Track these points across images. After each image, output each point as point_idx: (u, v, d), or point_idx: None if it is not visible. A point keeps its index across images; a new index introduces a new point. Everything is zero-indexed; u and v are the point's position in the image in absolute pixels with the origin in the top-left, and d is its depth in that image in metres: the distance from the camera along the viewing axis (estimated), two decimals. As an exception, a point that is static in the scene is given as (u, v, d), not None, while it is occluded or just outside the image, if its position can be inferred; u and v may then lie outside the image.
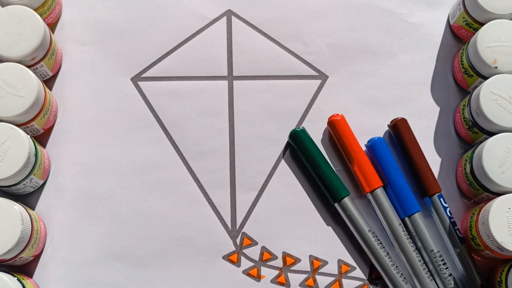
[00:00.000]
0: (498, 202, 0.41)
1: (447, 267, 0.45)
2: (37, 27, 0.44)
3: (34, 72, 0.45)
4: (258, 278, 0.46)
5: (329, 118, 0.47)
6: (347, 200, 0.45)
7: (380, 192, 0.45)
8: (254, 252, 0.46)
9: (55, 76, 0.49)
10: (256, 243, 0.47)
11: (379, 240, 0.45)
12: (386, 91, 0.49)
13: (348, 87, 0.49)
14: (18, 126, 0.44)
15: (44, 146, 0.47)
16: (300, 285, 0.46)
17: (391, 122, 0.47)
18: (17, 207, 0.42)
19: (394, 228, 0.45)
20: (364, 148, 0.47)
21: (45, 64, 0.46)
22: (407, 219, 0.45)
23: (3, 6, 0.45)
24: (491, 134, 0.44)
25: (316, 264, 0.46)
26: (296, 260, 0.46)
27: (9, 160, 0.42)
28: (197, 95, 0.49)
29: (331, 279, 0.46)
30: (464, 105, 0.47)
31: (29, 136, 0.44)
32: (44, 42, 0.45)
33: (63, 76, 0.49)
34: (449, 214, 0.45)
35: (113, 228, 0.46)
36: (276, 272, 0.46)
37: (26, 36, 0.44)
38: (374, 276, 0.46)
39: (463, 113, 0.46)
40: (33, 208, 0.46)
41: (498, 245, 0.41)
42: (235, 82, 0.49)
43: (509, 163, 0.42)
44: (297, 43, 0.50)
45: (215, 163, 0.48)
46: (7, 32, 0.44)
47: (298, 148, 0.47)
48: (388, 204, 0.45)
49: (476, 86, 0.46)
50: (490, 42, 0.44)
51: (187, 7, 0.51)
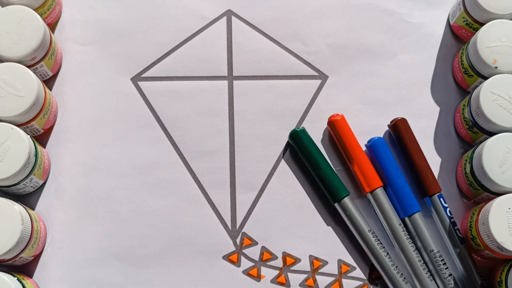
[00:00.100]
0: (498, 202, 0.41)
1: (447, 267, 0.45)
2: (37, 27, 0.44)
3: (34, 72, 0.45)
4: (258, 278, 0.46)
5: (329, 118, 0.47)
6: (347, 200, 0.45)
7: (380, 192, 0.45)
8: (254, 252, 0.46)
9: (55, 76, 0.49)
10: (256, 243, 0.47)
11: (379, 240, 0.45)
12: (386, 91, 0.49)
13: (348, 87, 0.49)
14: (18, 126, 0.44)
15: (44, 146, 0.47)
16: (300, 285, 0.46)
17: (391, 122, 0.47)
18: (17, 207, 0.41)
19: (394, 228, 0.45)
20: (364, 148, 0.47)
21: (45, 64, 0.46)
22: (407, 219, 0.45)
23: (3, 6, 0.45)
24: (491, 134, 0.44)
25: (316, 264, 0.46)
26: (296, 260, 0.46)
27: (9, 160, 0.42)
28: (197, 95, 0.49)
29: (331, 279, 0.46)
30: (464, 105, 0.47)
31: (29, 136, 0.43)
32: (44, 42, 0.45)
33: (63, 76, 0.49)
34: (449, 214, 0.45)
35: (113, 228, 0.46)
36: (276, 272, 0.46)
37: (26, 36, 0.44)
38: (374, 276, 0.46)
39: (463, 113, 0.46)
40: (33, 208, 0.46)
41: (498, 245, 0.41)
42: (235, 82, 0.49)
43: (509, 163, 0.42)
44: (297, 43, 0.50)
45: (215, 163, 0.48)
46: (7, 32, 0.44)
47: (298, 148, 0.47)
48: (388, 204, 0.45)
49: (476, 86, 0.46)
50: (490, 42, 0.44)
51: (187, 7, 0.51)
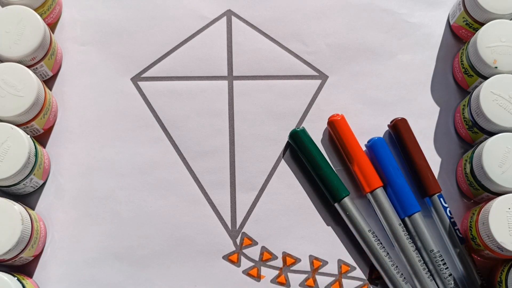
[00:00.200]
0: (498, 202, 0.41)
1: (447, 267, 0.45)
2: (37, 27, 0.44)
3: (34, 72, 0.45)
4: (258, 278, 0.46)
5: (329, 118, 0.47)
6: (347, 200, 0.45)
7: (380, 192, 0.45)
8: (254, 252, 0.46)
9: (55, 76, 0.49)
10: (256, 243, 0.47)
11: (379, 240, 0.45)
12: (386, 91, 0.49)
13: (348, 87, 0.49)
14: (18, 126, 0.44)
15: (44, 146, 0.47)
16: (300, 285, 0.46)
17: (391, 122, 0.47)
18: (17, 207, 0.41)
19: (394, 228, 0.45)
20: (364, 148, 0.47)
21: (45, 64, 0.46)
22: (407, 219, 0.45)
23: (3, 6, 0.45)
24: (491, 134, 0.44)
25: (316, 264, 0.46)
26: (296, 260, 0.46)
27: (9, 160, 0.42)
28: (197, 95, 0.49)
29: (331, 279, 0.46)
30: (464, 105, 0.47)
31: (29, 136, 0.43)
32: (44, 42, 0.45)
33: (63, 76, 0.49)
34: (449, 214, 0.45)
35: (113, 228, 0.46)
36: (276, 272, 0.46)
37: (26, 36, 0.44)
38: (374, 276, 0.46)
39: (463, 113, 0.46)
40: (33, 208, 0.46)
41: (498, 245, 0.41)
42: (235, 82, 0.49)
43: (509, 163, 0.42)
44: (297, 43, 0.50)
45: (215, 163, 0.48)
46: (7, 32, 0.44)
47: (298, 148, 0.47)
48: (388, 204, 0.45)
49: (476, 86, 0.46)
50: (490, 42, 0.44)
51: (187, 7, 0.51)
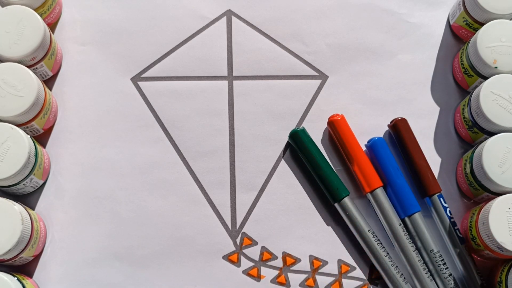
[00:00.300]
0: (498, 202, 0.41)
1: (447, 267, 0.45)
2: (37, 27, 0.44)
3: (34, 72, 0.45)
4: (258, 278, 0.46)
5: (329, 118, 0.47)
6: (347, 200, 0.45)
7: (380, 192, 0.45)
8: (254, 252, 0.46)
9: (55, 76, 0.49)
10: (256, 243, 0.47)
11: (379, 240, 0.45)
12: (386, 91, 0.49)
13: (348, 87, 0.49)
14: (18, 126, 0.44)
15: (44, 146, 0.47)
16: (300, 285, 0.46)
17: (391, 122, 0.47)
18: (17, 207, 0.41)
19: (394, 228, 0.45)
20: (364, 148, 0.47)
21: (45, 64, 0.46)
22: (407, 219, 0.45)
23: (3, 6, 0.45)
24: (491, 134, 0.44)
25: (316, 264, 0.46)
26: (296, 260, 0.46)
27: (9, 160, 0.42)
28: (197, 95, 0.49)
29: (331, 279, 0.46)
30: (464, 105, 0.47)
31: (29, 136, 0.43)
32: (44, 42, 0.45)
33: (63, 76, 0.49)
34: (449, 214, 0.45)
35: (113, 228, 0.46)
36: (276, 272, 0.46)
37: (26, 36, 0.44)
38: (374, 276, 0.46)
39: (463, 113, 0.46)
40: (33, 208, 0.46)
41: (498, 245, 0.41)
42: (235, 82, 0.49)
43: (509, 163, 0.42)
44: (297, 43, 0.50)
45: (215, 163, 0.48)
46: (7, 32, 0.44)
47: (298, 148, 0.47)
48: (388, 204, 0.45)
49: (476, 86, 0.46)
50: (490, 42, 0.44)
51: (187, 7, 0.51)
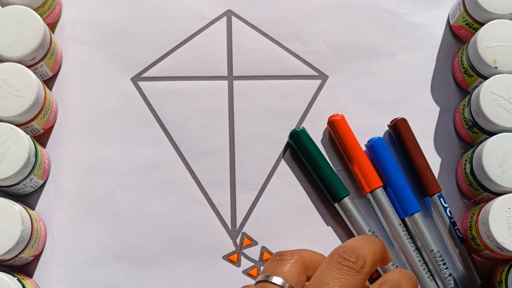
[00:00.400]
0: (498, 202, 0.41)
1: (447, 267, 0.45)
2: (37, 27, 0.44)
3: (34, 72, 0.45)
4: (258, 278, 0.46)
5: (329, 118, 0.47)
6: (347, 200, 0.45)
7: (380, 192, 0.45)
8: (254, 252, 0.46)
9: (55, 76, 0.49)
10: (256, 243, 0.47)
11: (379, 240, 0.45)
12: (386, 91, 0.49)
13: (348, 87, 0.49)
14: (18, 126, 0.44)
15: (44, 146, 0.47)
16: (300, 285, 0.46)
17: (391, 122, 0.47)
18: (17, 207, 0.41)
19: (394, 228, 0.45)
20: (364, 148, 0.47)
21: (45, 64, 0.46)
22: (407, 219, 0.45)
23: (3, 6, 0.45)
24: (491, 134, 0.44)
25: (316, 264, 0.46)
26: (296, 260, 0.46)
27: (9, 160, 0.42)
28: (197, 95, 0.49)
29: (331, 279, 0.46)
30: (464, 105, 0.47)
31: (29, 136, 0.43)
32: (44, 42, 0.45)
33: (63, 76, 0.49)
34: (449, 214, 0.45)
35: (113, 228, 0.46)
36: (276, 272, 0.46)
37: (26, 36, 0.44)
38: (374, 276, 0.46)
39: (463, 113, 0.46)
40: (33, 208, 0.46)
41: (498, 245, 0.41)
42: (235, 82, 0.49)
43: (509, 163, 0.42)
44: (297, 43, 0.50)
45: (215, 163, 0.48)
46: (7, 32, 0.44)
47: (298, 148, 0.47)
48: (388, 204, 0.45)
49: (476, 86, 0.46)
50: (490, 42, 0.44)
51: (187, 7, 0.51)
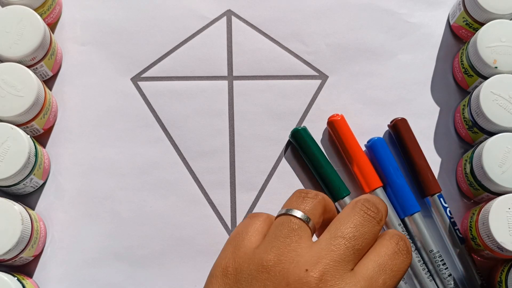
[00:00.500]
0: (498, 202, 0.41)
1: (447, 267, 0.45)
2: (37, 27, 0.44)
3: (34, 72, 0.45)
4: (258, 278, 0.46)
5: (329, 118, 0.47)
6: (347, 199, 0.45)
7: (379, 192, 0.45)
8: (254, 252, 0.46)
9: (55, 76, 0.49)
10: (256, 243, 0.47)
11: (379, 240, 0.45)
12: (386, 91, 0.49)
13: (348, 87, 0.49)
14: (18, 126, 0.44)
15: (44, 146, 0.47)
16: (300, 285, 0.46)
17: (391, 122, 0.47)
18: (17, 207, 0.41)
19: (394, 228, 0.45)
20: (364, 148, 0.47)
21: (45, 64, 0.46)
22: (407, 219, 0.45)
23: (3, 6, 0.45)
24: (491, 134, 0.44)
25: (316, 264, 0.46)
26: (296, 260, 0.46)
27: (9, 160, 0.42)
28: (197, 95, 0.49)
29: (331, 279, 0.46)
30: (464, 105, 0.47)
31: (29, 136, 0.43)
32: (44, 42, 0.45)
33: (63, 76, 0.49)
34: (449, 214, 0.45)
35: (113, 228, 0.46)
36: (276, 272, 0.46)
37: (26, 36, 0.44)
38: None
39: (463, 113, 0.46)
40: (33, 208, 0.46)
41: (498, 245, 0.41)
42: (235, 82, 0.49)
43: (509, 163, 0.42)
44: (297, 43, 0.50)
45: (215, 163, 0.48)
46: (7, 32, 0.44)
47: (299, 147, 0.47)
48: (388, 204, 0.45)
49: (476, 86, 0.46)
50: (490, 42, 0.44)
51: (187, 7, 0.51)
